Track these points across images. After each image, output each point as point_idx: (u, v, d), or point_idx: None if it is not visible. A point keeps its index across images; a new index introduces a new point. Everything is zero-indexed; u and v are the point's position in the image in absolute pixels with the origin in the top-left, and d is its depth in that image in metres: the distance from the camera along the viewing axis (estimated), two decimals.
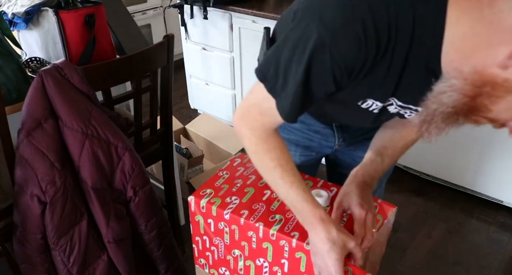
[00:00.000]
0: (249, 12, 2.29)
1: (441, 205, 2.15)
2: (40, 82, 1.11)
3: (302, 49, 0.69)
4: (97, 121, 1.18)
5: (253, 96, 0.83)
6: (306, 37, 0.68)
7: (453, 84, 0.65)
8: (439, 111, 0.68)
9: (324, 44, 0.66)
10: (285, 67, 0.73)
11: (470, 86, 0.64)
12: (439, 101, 0.67)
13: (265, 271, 0.99)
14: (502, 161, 1.99)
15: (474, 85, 0.64)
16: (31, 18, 1.41)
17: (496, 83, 0.62)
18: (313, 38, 0.67)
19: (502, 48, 0.60)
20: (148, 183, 1.31)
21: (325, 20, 0.66)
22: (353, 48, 0.65)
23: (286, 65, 0.72)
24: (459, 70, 0.65)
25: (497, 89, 0.63)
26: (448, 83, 0.66)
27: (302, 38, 0.69)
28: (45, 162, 1.13)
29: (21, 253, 1.21)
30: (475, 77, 0.63)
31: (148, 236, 1.36)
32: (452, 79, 0.66)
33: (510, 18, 0.59)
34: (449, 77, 0.66)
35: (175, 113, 3.00)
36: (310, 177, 1.08)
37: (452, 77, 0.66)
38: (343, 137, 1.09)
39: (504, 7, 0.59)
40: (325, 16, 0.66)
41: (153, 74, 1.43)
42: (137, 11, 3.27)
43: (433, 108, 0.68)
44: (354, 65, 0.68)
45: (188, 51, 2.81)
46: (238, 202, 0.99)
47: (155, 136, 1.57)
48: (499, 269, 1.78)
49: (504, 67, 0.61)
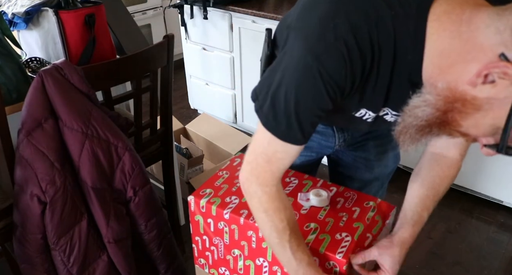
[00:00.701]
0: (249, 12, 2.29)
1: (441, 205, 2.13)
2: (40, 82, 1.11)
3: (291, 73, 0.70)
4: (97, 121, 1.18)
5: (257, 145, 0.81)
6: (295, 63, 0.70)
7: (426, 99, 0.67)
8: (413, 124, 0.69)
9: (312, 68, 0.67)
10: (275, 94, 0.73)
11: (443, 101, 0.65)
12: (414, 114, 0.69)
13: (265, 271, 0.99)
14: (502, 161, 1.99)
15: (446, 101, 0.65)
16: (31, 18, 1.41)
17: (465, 100, 0.63)
18: (302, 64, 0.69)
19: (473, 65, 0.61)
20: (148, 183, 1.31)
21: (310, 44, 0.68)
22: (340, 69, 0.67)
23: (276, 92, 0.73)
24: (434, 85, 0.66)
25: (466, 106, 0.64)
26: (423, 97, 0.68)
27: (291, 63, 0.70)
28: (45, 162, 1.13)
29: (21, 253, 1.21)
30: (447, 93, 0.65)
31: (148, 236, 1.36)
32: (427, 94, 0.67)
33: (483, 35, 0.59)
34: (425, 92, 0.68)
35: (175, 113, 3.00)
36: (309, 176, 1.08)
37: (427, 92, 0.67)
38: (344, 137, 1.09)
39: (480, 24, 0.60)
40: (309, 40, 0.68)
41: (153, 74, 1.43)
42: (137, 11, 3.27)
43: (408, 121, 0.70)
44: (344, 85, 0.69)
45: (188, 51, 2.81)
46: (237, 202, 0.99)
47: (155, 136, 1.57)
48: (499, 269, 1.78)
49: (473, 85, 0.61)
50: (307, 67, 0.68)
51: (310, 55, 0.67)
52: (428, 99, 0.67)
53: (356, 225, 0.93)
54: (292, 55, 0.71)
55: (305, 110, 0.72)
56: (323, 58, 0.66)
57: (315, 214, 0.96)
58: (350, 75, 0.68)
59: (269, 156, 0.79)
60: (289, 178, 1.07)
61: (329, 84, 0.68)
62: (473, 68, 0.61)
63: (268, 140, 0.77)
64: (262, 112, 0.76)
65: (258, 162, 0.80)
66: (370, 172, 1.18)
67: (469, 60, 0.61)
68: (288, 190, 1.03)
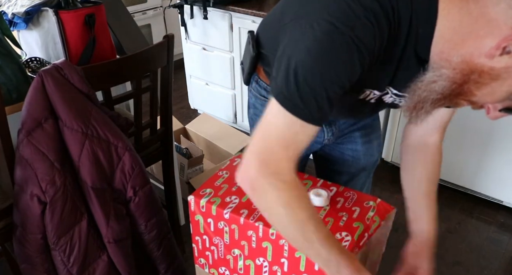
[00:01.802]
0: (249, 12, 2.29)
1: (441, 205, 2.13)
2: (40, 82, 1.11)
3: (317, 49, 0.69)
4: (97, 121, 1.18)
5: (271, 133, 0.74)
6: (320, 34, 0.68)
7: (443, 74, 0.71)
8: (429, 98, 0.73)
9: (343, 35, 0.67)
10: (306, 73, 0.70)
11: (459, 74, 0.70)
12: (430, 89, 0.72)
13: (265, 271, 0.99)
14: (502, 161, 1.99)
15: (462, 73, 0.69)
16: (31, 18, 1.41)
17: (483, 72, 0.68)
18: (330, 36, 0.68)
19: (488, 40, 0.66)
20: (148, 183, 1.31)
21: (335, 17, 0.68)
22: (370, 35, 0.68)
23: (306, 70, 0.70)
24: (448, 60, 0.70)
25: (483, 77, 0.68)
26: (438, 72, 0.71)
27: (312, 40, 0.69)
28: (45, 162, 1.13)
29: (21, 253, 1.21)
30: (463, 66, 0.69)
31: (148, 236, 1.36)
32: (442, 68, 0.71)
33: (493, 12, 0.65)
34: (438, 66, 0.71)
35: (175, 113, 3.00)
36: (309, 176, 1.08)
37: (441, 66, 0.71)
38: (332, 130, 1.11)
39: (487, 2, 0.65)
40: (333, 14, 0.68)
41: (153, 74, 1.43)
42: (137, 11, 3.27)
43: (423, 96, 0.73)
44: (374, 49, 0.70)
45: (188, 51, 2.81)
46: (237, 202, 0.99)
47: (155, 136, 1.57)
48: (499, 269, 1.78)
49: (490, 57, 0.66)
50: (337, 36, 0.67)
51: (341, 26, 0.67)
52: (444, 73, 0.70)
53: (356, 225, 0.93)
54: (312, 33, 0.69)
55: (333, 83, 0.70)
56: (355, 25, 0.67)
57: None
58: (378, 40, 0.69)
59: (287, 140, 0.73)
60: None
61: (362, 49, 0.69)
62: (489, 42, 0.66)
63: (288, 124, 0.72)
64: (284, 96, 0.71)
65: (273, 150, 0.74)
66: (358, 163, 1.21)
67: (483, 35, 0.66)
68: None
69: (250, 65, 1.01)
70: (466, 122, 1.97)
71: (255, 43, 0.98)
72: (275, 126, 0.73)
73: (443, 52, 0.70)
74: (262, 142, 0.75)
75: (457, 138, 2.04)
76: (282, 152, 0.74)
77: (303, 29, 0.70)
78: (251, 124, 1.15)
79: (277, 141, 0.73)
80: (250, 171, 0.75)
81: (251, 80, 1.08)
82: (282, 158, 0.74)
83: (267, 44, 0.96)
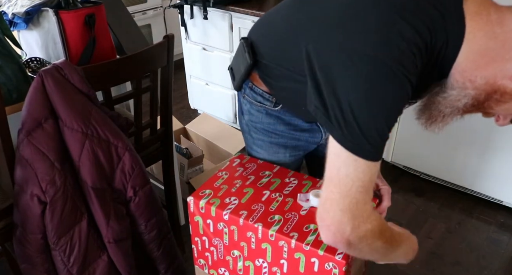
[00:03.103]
0: (249, 12, 2.29)
1: (440, 205, 2.15)
2: (40, 82, 1.11)
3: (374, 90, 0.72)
4: (97, 121, 1.18)
5: (349, 185, 0.75)
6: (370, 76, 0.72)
7: (467, 94, 0.78)
8: (452, 112, 0.81)
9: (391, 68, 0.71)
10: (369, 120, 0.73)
11: (483, 95, 0.77)
12: (453, 105, 0.80)
13: (264, 272, 0.99)
14: (502, 161, 1.99)
15: (486, 93, 0.77)
16: (31, 18, 1.41)
17: (505, 92, 0.75)
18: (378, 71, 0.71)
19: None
20: (148, 183, 1.31)
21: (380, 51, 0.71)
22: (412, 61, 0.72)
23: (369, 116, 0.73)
24: (471, 80, 0.76)
25: (504, 97, 0.76)
26: (463, 93, 0.78)
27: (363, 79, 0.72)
28: (45, 162, 1.13)
29: (21, 253, 1.21)
30: (486, 87, 0.76)
31: (148, 236, 1.36)
32: (467, 89, 0.77)
33: None
34: (463, 87, 0.78)
35: (175, 113, 3.00)
36: (309, 177, 1.09)
37: (466, 87, 0.77)
38: None
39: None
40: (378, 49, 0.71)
41: (153, 74, 1.43)
42: (137, 11, 3.27)
43: (447, 111, 0.81)
44: (416, 73, 0.73)
45: (188, 51, 2.81)
46: (237, 203, 0.99)
47: (155, 136, 1.57)
48: (499, 269, 1.78)
49: None
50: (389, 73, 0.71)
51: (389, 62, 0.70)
52: (469, 94, 0.77)
53: None
54: (366, 74, 0.71)
55: (395, 119, 0.75)
56: (399, 57, 0.71)
57: (314, 215, 0.96)
58: (420, 65, 0.73)
59: (367, 186, 0.75)
60: (289, 179, 1.07)
61: (411, 79, 0.73)
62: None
63: (364, 170, 0.74)
64: (353, 144, 0.73)
65: (359, 200, 0.75)
66: None
67: (508, 59, 0.73)
68: (288, 190, 1.03)
69: (245, 72, 1.01)
70: (466, 122, 1.96)
71: (251, 51, 0.98)
72: (352, 177, 0.74)
73: (465, 71, 0.76)
74: (347, 198, 0.75)
75: (457, 138, 2.04)
76: (365, 197, 0.76)
77: (349, 69, 0.72)
78: (246, 130, 1.14)
79: (359, 190, 0.75)
80: (346, 231, 0.76)
81: (243, 86, 1.07)
82: (367, 202, 0.77)
83: (269, 55, 0.95)
